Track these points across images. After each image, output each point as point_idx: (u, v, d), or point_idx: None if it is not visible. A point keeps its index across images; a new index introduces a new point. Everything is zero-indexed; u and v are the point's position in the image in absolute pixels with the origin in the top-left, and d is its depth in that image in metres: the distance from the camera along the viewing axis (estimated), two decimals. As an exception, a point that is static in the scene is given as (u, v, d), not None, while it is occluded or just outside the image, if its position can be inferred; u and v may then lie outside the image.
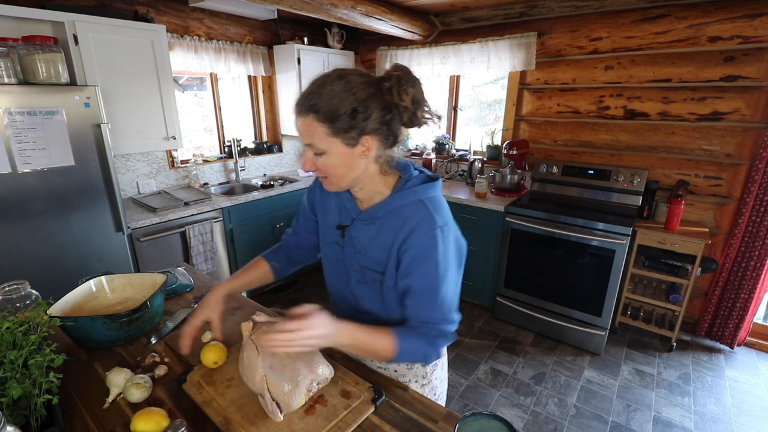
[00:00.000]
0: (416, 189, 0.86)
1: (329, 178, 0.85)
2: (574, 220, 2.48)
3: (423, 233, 0.83)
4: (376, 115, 0.78)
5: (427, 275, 0.84)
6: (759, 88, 2.31)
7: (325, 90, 0.76)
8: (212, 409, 0.87)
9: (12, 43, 1.83)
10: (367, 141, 0.79)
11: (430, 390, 1.09)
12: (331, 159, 0.80)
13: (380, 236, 0.88)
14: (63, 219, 2.02)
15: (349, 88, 0.76)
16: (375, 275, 0.92)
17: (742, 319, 2.51)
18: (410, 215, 0.85)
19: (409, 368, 1.05)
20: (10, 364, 0.78)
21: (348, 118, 0.76)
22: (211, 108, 3.35)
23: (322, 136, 0.78)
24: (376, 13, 2.73)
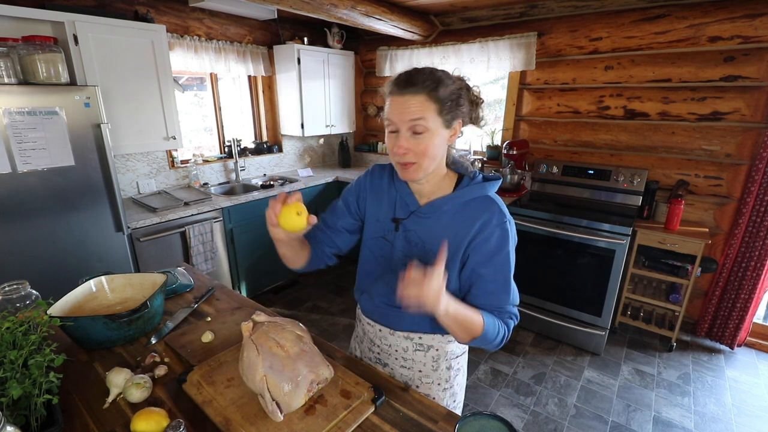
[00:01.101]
0: (484, 185, 0.92)
1: (420, 162, 0.86)
2: (574, 220, 2.48)
3: (496, 226, 0.88)
4: (466, 104, 0.87)
5: (503, 266, 0.90)
6: (759, 88, 2.31)
7: (437, 74, 0.83)
8: (212, 409, 0.87)
9: (12, 43, 1.83)
10: (457, 126, 0.88)
11: (450, 395, 1.09)
12: (432, 139, 0.84)
13: (448, 229, 0.91)
14: (63, 219, 2.02)
15: (451, 78, 0.85)
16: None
17: (742, 320, 2.51)
18: (482, 209, 0.90)
19: (434, 369, 1.06)
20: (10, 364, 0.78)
21: (453, 101, 0.84)
22: (211, 108, 3.35)
23: (432, 114, 0.82)
24: (376, 13, 2.73)
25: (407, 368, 1.07)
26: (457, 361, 1.09)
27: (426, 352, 1.05)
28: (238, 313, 1.31)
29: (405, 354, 1.06)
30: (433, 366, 1.06)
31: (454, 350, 1.07)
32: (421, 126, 0.82)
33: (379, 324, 1.08)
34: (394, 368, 1.09)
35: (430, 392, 1.07)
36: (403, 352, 1.06)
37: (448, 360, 1.06)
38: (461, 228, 0.90)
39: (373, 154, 4.19)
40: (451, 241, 0.90)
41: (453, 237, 0.90)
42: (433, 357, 1.05)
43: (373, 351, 1.13)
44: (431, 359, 1.05)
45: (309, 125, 3.54)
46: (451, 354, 1.07)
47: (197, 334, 1.17)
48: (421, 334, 1.03)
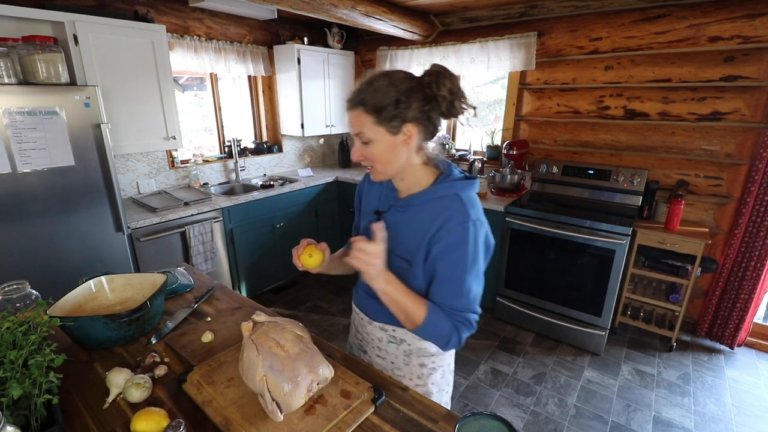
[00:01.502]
0: (455, 183, 0.93)
1: (375, 167, 0.92)
2: (574, 220, 2.48)
3: (457, 224, 0.88)
4: (416, 105, 0.86)
5: (456, 264, 0.89)
6: (759, 88, 2.31)
7: (372, 86, 0.87)
8: (212, 409, 0.87)
9: (12, 43, 1.83)
10: (408, 129, 0.88)
11: (424, 393, 1.09)
12: (377, 147, 0.88)
13: (414, 224, 0.94)
14: (63, 219, 2.02)
15: (392, 82, 0.86)
16: (401, 262, 0.96)
17: (742, 319, 2.51)
18: (446, 207, 0.91)
19: (406, 364, 1.09)
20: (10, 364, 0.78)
21: (392, 108, 0.85)
22: (211, 108, 3.35)
23: (370, 126, 0.87)
24: (376, 13, 2.73)
25: (382, 358, 1.12)
26: (432, 359, 1.09)
27: (398, 345, 1.08)
28: (238, 313, 1.31)
29: (380, 344, 1.11)
30: (405, 360, 1.09)
31: (428, 348, 1.07)
32: (364, 137, 0.88)
33: (361, 312, 1.14)
34: (372, 357, 1.15)
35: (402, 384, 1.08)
36: (378, 342, 1.11)
37: (421, 357, 1.08)
38: (425, 223, 0.92)
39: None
40: (415, 235, 0.93)
41: (417, 231, 0.93)
42: (405, 351, 1.08)
43: (357, 338, 1.20)
44: (403, 353, 1.08)
45: (309, 125, 3.54)
46: (425, 351, 1.07)
47: (197, 334, 1.17)
48: (395, 327, 1.06)
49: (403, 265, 0.96)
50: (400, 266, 0.96)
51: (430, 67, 0.88)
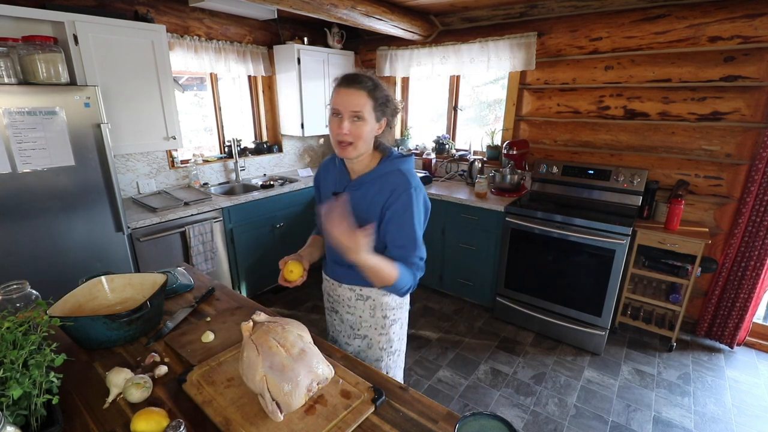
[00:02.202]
0: (395, 161, 1.17)
1: (356, 143, 1.10)
2: (574, 220, 2.48)
3: (402, 192, 1.11)
4: (390, 109, 1.14)
5: (405, 221, 1.12)
6: (759, 88, 2.31)
7: (374, 80, 1.11)
8: (212, 409, 0.87)
9: (12, 43, 1.82)
10: (383, 122, 1.14)
11: (386, 341, 1.32)
12: (366, 126, 1.09)
13: (367, 198, 1.15)
14: (63, 219, 2.02)
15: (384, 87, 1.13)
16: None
17: (742, 319, 2.51)
18: (392, 180, 1.13)
19: (372, 316, 1.29)
20: (10, 364, 0.78)
21: (383, 102, 1.11)
22: (211, 108, 3.35)
23: (369, 108, 1.08)
24: (376, 13, 2.73)
25: (351, 314, 1.32)
26: (393, 312, 1.32)
27: (365, 302, 1.29)
28: (238, 313, 1.31)
29: (350, 303, 1.31)
30: (371, 313, 1.30)
31: (389, 303, 1.30)
32: (360, 114, 1.07)
33: (331, 279, 1.34)
34: (343, 314, 1.34)
35: (368, 334, 1.31)
36: (348, 301, 1.31)
37: (384, 310, 1.30)
38: (377, 196, 1.14)
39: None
40: (368, 207, 1.15)
41: (371, 204, 1.14)
42: (371, 306, 1.29)
43: (329, 301, 1.40)
44: (369, 307, 1.29)
45: (309, 125, 3.54)
46: (387, 306, 1.30)
47: (197, 334, 1.17)
48: (361, 287, 1.27)
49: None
50: None
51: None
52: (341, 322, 1.36)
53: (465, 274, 3.11)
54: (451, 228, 3.07)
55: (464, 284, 3.15)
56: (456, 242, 3.07)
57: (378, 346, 1.32)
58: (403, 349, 1.42)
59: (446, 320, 3.00)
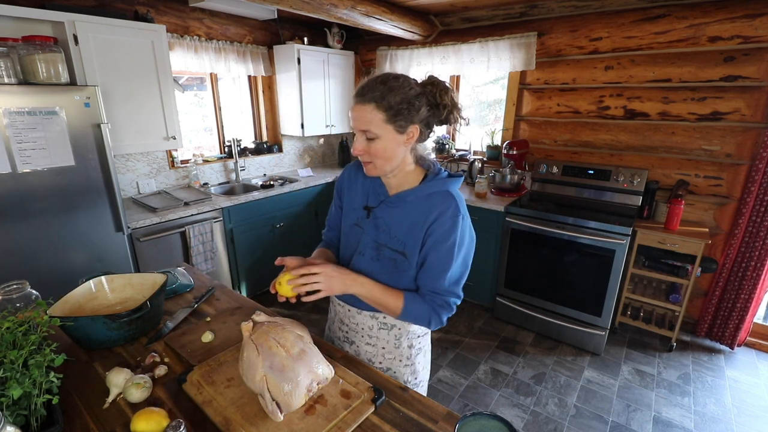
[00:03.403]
0: (445, 181, 1.01)
1: (374, 162, 0.97)
2: (574, 220, 2.48)
3: (448, 218, 0.96)
4: (424, 110, 0.94)
5: (444, 251, 0.97)
6: (759, 88, 2.31)
7: (387, 85, 0.91)
8: (212, 408, 0.87)
9: (12, 43, 1.83)
10: (412, 130, 0.94)
11: (411, 372, 1.17)
12: (382, 143, 0.94)
13: (408, 218, 1.00)
14: (63, 219, 2.02)
15: (405, 85, 0.92)
16: (392, 253, 1.02)
17: (742, 319, 2.51)
18: (439, 202, 0.98)
19: (396, 347, 1.14)
20: (10, 364, 0.78)
21: (404, 108, 0.91)
22: (211, 108, 3.35)
23: (378, 122, 0.92)
24: (376, 13, 2.73)
25: (372, 345, 1.15)
26: (419, 340, 1.17)
27: (389, 331, 1.13)
28: (238, 313, 1.31)
29: (370, 332, 1.15)
30: (396, 344, 1.14)
31: (416, 330, 1.15)
32: (371, 133, 0.93)
33: (347, 305, 1.17)
34: (360, 345, 1.17)
35: (392, 366, 1.15)
36: (369, 330, 1.15)
37: (410, 339, 1.15)
38: (420, 217, 0.98)
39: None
40: (409, 228, 1.00)
41: (413, 225, 0.99)
42: (396, 335, 1.14)
43: (342, 330, 1.22)
44: (394, 337, 1.14)
45: (309, 125, 3.54)
46: (413, 333, 1.15)
47: (197, 334, 1.17)
48: (385, 314, 1.10)
49: (396, 256, 1.02)
50: (394, 258, 1.02)
51: (428, 78, 0.95)
52: (357, 355, 1.17)
53: (465, 274, 3.11)
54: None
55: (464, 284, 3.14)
56: (456, 242, 3.07)
57: (402, 379, 1.16)
58: (426, 379, 1.25)
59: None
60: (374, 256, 1.04)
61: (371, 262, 1.05)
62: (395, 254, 1.01)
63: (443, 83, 0.94)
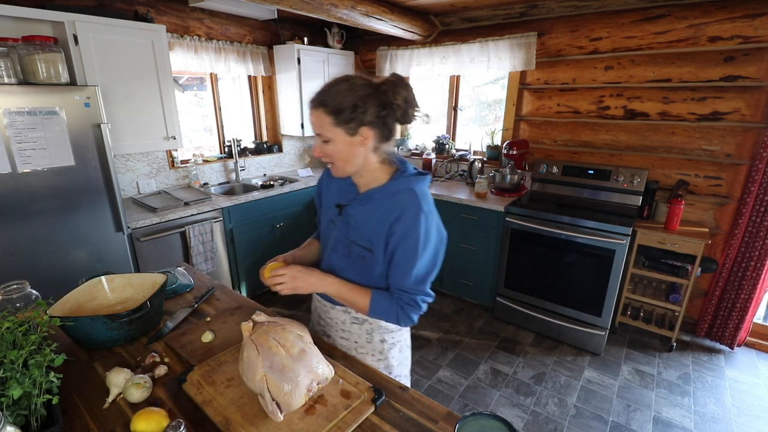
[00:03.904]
0: (410, 179, 1.02)
1: (335, 164, 1.00)
2: (574, 220, 2.48)
3: (410, 215, 0.97)
4: (372, 110, 0.93)
5: (408, 250, 0.98)
6: (759, 88, 2.31)
7: (333, 89, 0.94)
8: (212, 408, 0.87)
9: (12, 43, 1.82)
10: (364, 132, 0.95)
11: (384, 367, 1.19)
12: (335, 146, 0.97)
13: (374, 215, 1.02)
14: (63, 219, 2.02)
15: (352, 87, 0.93)
16: (361, 250, 1.05)
17: (742, 319, 2.51)
18: (402, 200, 0.99)
19: (368, 341, 1.17)
20: (10, 364, 0.78)
21: (349, 111, 0.92)
22: (211, 108, 3.35)
23: (329, 126, 0.94)
24: (376, 13, 2.73)
25: (345, 339, 1.19)
26: (392, 335, 1.18)
27: (361, 325, 1.16)
28: (238, 313, 1.31)
29: (344, 326, 1.18)
30: (367, 338, 1.17)
31: (388, 325, 1.16)
32: (324, 136, 0.96)
33: (323, 300, 1.22)
34: (336, 339, 1.21)
35: (365, 361, 1.16)
36: (342, 325, 1.19)
37: (382, 334, 1.17)
38: (385, 215, 1.00)
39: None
40: (376, 225, 1.02)
41: (378, 222, 1.01)
42: (368, 330, 1.16)
43: (320, 324, 1.27)
44: (365, 332, 1.17)
45: (309, 125, 3.53)
46: (385, 329, 1.17)
47: (197, 334, 1.17)
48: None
49: (365, 253, 1.04)
50: (362, 254, 1.05)
51: (388, 76, 0.96)
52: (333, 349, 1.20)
53: (465, 274, 3.11)
54: (451, 228, 3.04)
55: (464, 284, 3.15)
56: (456, 242, 3.07)
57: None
58: (405, 374, 1.28)
59: (446, 320, 3.00)
60: (345, 252, 1.08)
61: (343, 258, 1.08)
62: (364, 251, 1.04)
63: (399, 81, 0.94)
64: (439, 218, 1.03)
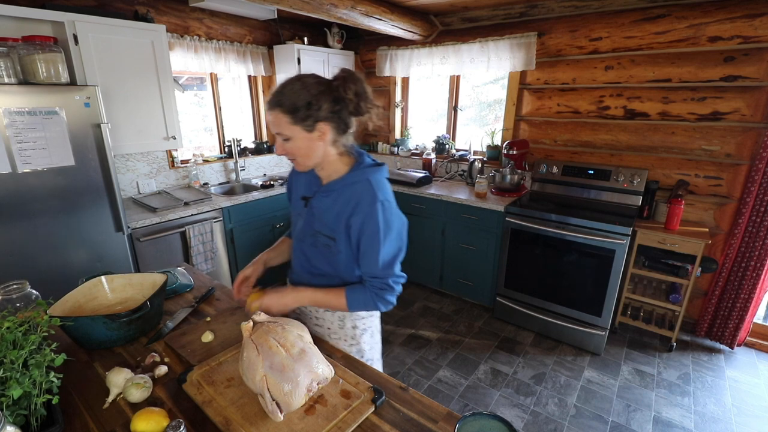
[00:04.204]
0: (366, 170, 1.07)
1: (297, 160, 1.05)
2: (574, 220, 2.48)
3: (366, 205, 1.03)
4: (326, 106, 0.98)
5: (370, 238, 1.04)
6: (759, 88, 2.31)
7: (287, 89, 0.97)
8: (212, 409, 0.87)
9: (12, 43, 1.82)
10: (321, 127, 0.99)
11: (357, 351, 1.24)
12: (295, 143, 1.01)
13: (335, 206, 1.08)
14: (63, 219, 2.02)
15: (305, 86, 0.97)
16: (325, 239, 1.10)
17: (742, 319, 2.51)
18: (359, 190, 1.05)
19: (341, 327, 1.22)
20: (10, 364, 0.78)
21: (305, 109, 0.96)
22: (211, 108, 3.35)
23: (287, 125, 0.98)
24: (376, 13, 2.73)
25: (319, 326, 1.24)
26: (363, 321, 1.24)
27: (333, 313, 1.21)
28: (238, 313, 1.31)
29: (317, 314, 1.24)
30: (340, 324, 1.22)
31: (359, 312, 1.21)
32: (283, 135, 1.00)
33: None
34: (310, 327, 1.24)
35: (338, 346, 1.21)
36: (315, 312, 1.24)
37: (353, 320, 1.22)
38: (344, 205, 1.06)
39: (373, 154, 4.18)
40: (336, 216, 1.07)
41: (338, 212, 1.07)
42: (339, 317, 1.21)
43: (295, 312, 1.30)
44: (338, 318, 1.22)
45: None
46: (357, 315, 1.22)
47: (197, 334, 1.17)
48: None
49: (329, 242, 1.10)
50: (327, 243, 1.10)
51: (339, 72, 0.99)
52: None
53: (465, 274, 3.11)
54: (451, 228, 3.07)
55: (464, 284, 3.15)
56: (456, 242, 3.07)
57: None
58: (377, 359, 1.33)
59: (446, 320, 3.00)
60: (312, 242, 1.14)
61: (310, 248, 1.15)
62: (328, 240, 1.10)
63: (349, 77, 0.98)
64: (396, 205, 1.09)
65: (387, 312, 3.09)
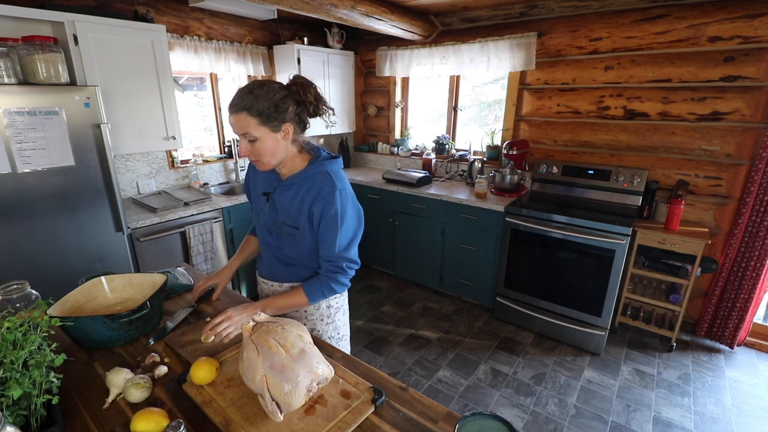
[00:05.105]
0: (324, 163, 1.18)
1: (261, 160, 1.11)
2: (574, 220, 2.48)
3: (326, 193, 1.13)
4: (291, 109, 1.08)
5: (329, 223, 1.14)
6: (759, 88, 2.31)
7: (253, 94, 1.04)
8: (212, 409, 0.87)
9: (12, 43, 1.82)
10: (286, 127, 1.09)
11: (333, 328, 1.36)
12: (263, 143, 1.08)
13: (297, 198, 1.17)
14: (63, 219, 2.02)
15: (270, 90, 1.05)
16: (290, 229, 1.20)
17: (742, 319, 2.51)
18: (318, 181, 1.15)
19: (316, 308, 1.31)
20: (10, 364, 0.78)
21: (273, 111, 1.05)
22: (211, 108, 3.35)
23: (255, 126, 1.05)
24: (376, 13, 2.73)
25: (295, 310, 1.30)
26: (336, 300, 1.35)
27: None
28: (238, 313, 1.31)
29: None
30: (315, 306, 1.31)
31: None
32: (250, 135, 1.06)
33: (269, 280, 1.35)
34: (287, 312, 1.29)
35: (316, 326, 1.33)
36: None
37: (327, 300, 1.31)
38: (305, 196, 1.16)
39: (373, 154, 4.19)
40: (299, 205, 1.17)
41: (300, 203, 1.16)
42: None
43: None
44: None
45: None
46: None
47: (197, 334, 1.17)
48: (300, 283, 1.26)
49: (293, 232, 1.19)
50: (291, 233, 1.20)
51: (293, 79, 1.10)
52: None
53: (465, 274, 3.11)
54: (451, 228, 3.07)
55: (464, 284, 3.15)
56: (456, 242, 3.08)
57: (326, 336, 1.35)
58: (348, 334, 1.46)
59: (446, 320, 3.00)
60: (277, 233, 1.23)
61: (276, 238, 1.24)
62: (291, 230, 1.19)
63: (306, 82, 1.09)
64: (353, 194, 1.19)
65: (387, 312, 3.09)
